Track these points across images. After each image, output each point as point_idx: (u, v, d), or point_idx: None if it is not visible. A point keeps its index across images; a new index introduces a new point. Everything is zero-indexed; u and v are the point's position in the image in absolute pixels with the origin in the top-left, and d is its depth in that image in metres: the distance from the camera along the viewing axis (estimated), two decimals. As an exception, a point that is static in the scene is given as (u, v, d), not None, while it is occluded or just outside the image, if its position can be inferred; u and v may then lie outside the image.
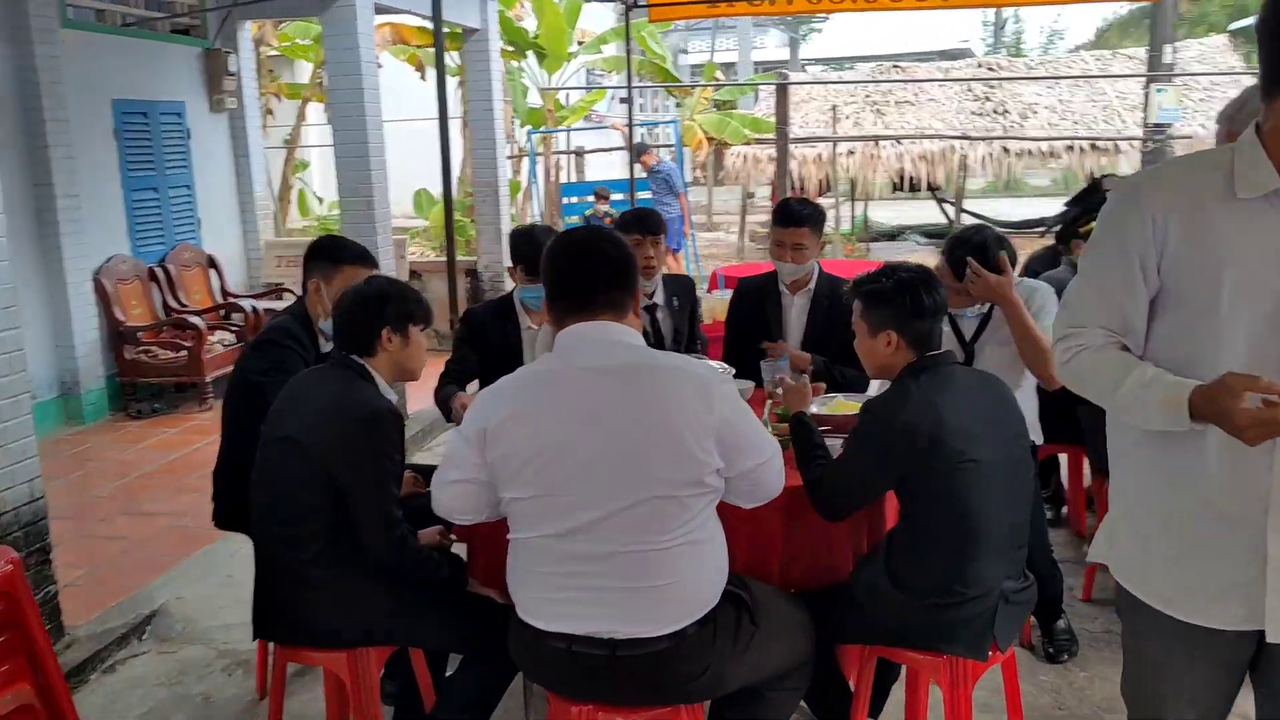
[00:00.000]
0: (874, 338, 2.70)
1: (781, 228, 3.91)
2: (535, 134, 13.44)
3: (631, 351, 2.31)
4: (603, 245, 2.37)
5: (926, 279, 2.67)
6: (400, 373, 2.88)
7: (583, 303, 2.32)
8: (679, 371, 2.28)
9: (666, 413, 2.22)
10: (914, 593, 2.58)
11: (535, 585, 2.33)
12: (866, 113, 14.72)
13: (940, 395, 2.55)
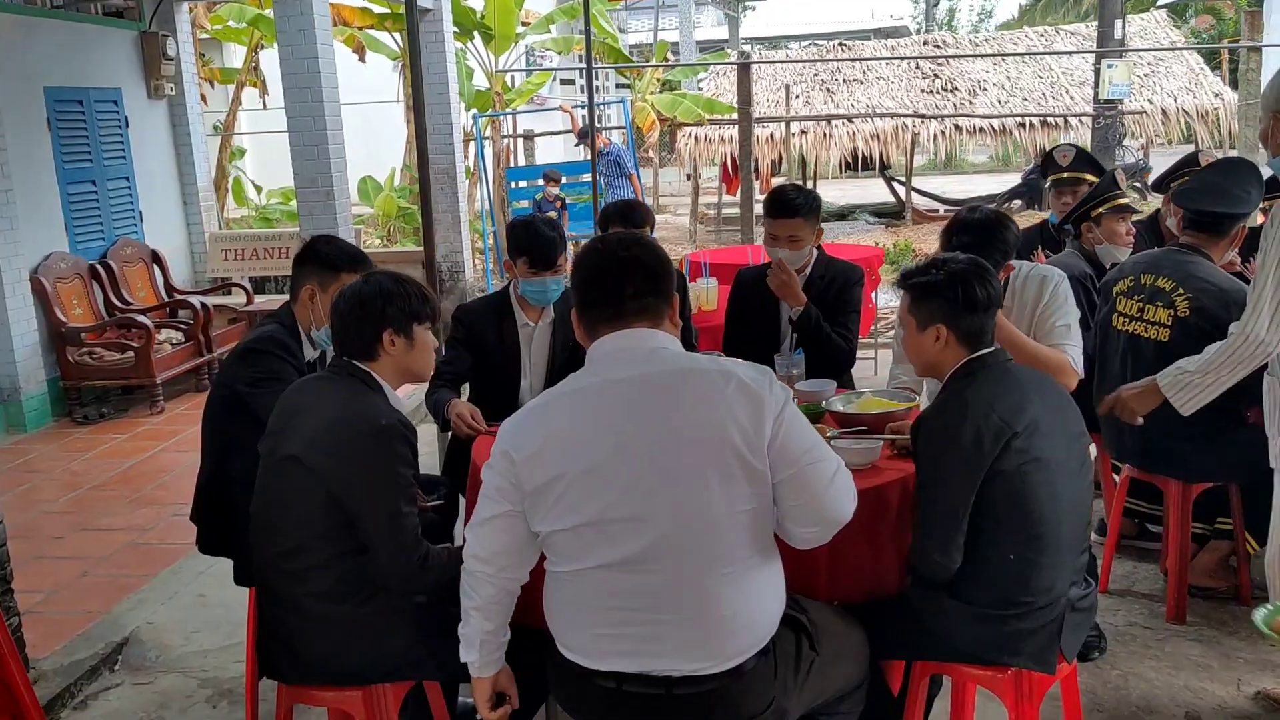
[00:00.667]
0: (922, 333, 2.53)
1: (775, 219, 3.72)
2: (482, 118, 13.11)
3: (670, 358, 2.11)
4: (635, 250, 2.18)
5: (980, 271, 2.51)
6: (407, 376, 2.64)
7: (615, 311, 2.13)
8: (723, 375, 2.08)
9: (713, 421, 2.02)
10: (979, 604, 2.42)
11: (580, 621, 2.12)
12: (817, 92, 14.62)
13: (998, 395, 2.39)
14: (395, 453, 2.44)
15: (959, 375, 2.47)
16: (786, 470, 2.07)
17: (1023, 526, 2.36)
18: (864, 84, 14.80)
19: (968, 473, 2.34)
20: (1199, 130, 13.85)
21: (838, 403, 3.13)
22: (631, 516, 2.02)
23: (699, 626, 2.05)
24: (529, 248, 3.52)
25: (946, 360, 2.51)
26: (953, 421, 2.37)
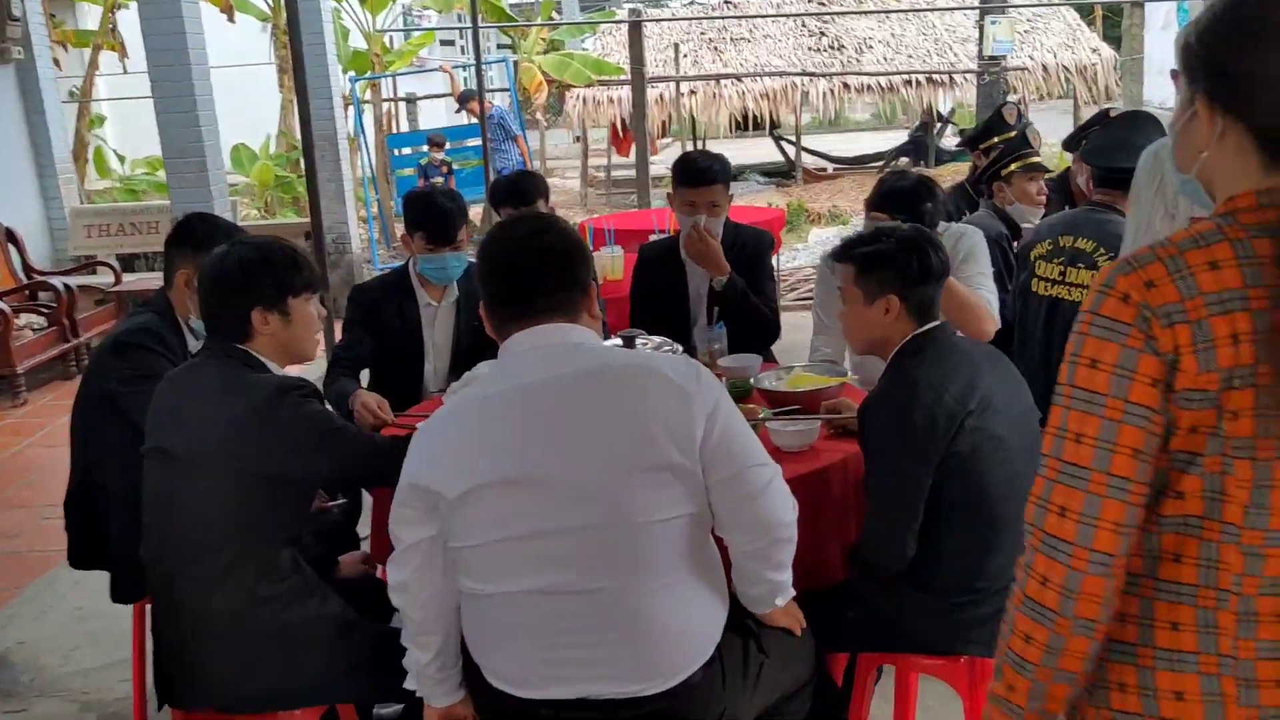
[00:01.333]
0: (871, 305, 2.37)
1: (692, 188, 3.54)
2: (359, 81, 12.58)
3: (587, 354, 1.93)
4: (544, 238, 1.97)
5: (930, 239, 2.38)
6: (290, 355, 2.38)
7: (523, 307, 1.94)
8: (645, 370, 1.90)
9: (637, 422, 1.84)
10: (933, 592, 2.30)
11: (509, 647, 1.93)
12: (705, 51, 14.47)
13: (948, 374, 2.26)
14: (306, 401, 2.25)
15: (905, 353, 2.34)
16: (721, 473, 1.90)
17: (978, 509, 2.24)
18: (751, 43, 14.69)
19: (922, 459, 2.21)
20: (1078, 86, 14.13)
21: (767, 380, 2.98)
22: (555, 530, 1.84)
23: (639, 644, 1.88)
24: (426, 222, 3.29)
25: (894, 335, 2.38)
26: (903, 405, 2.23)
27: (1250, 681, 1.22)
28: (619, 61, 13.97)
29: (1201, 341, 1.19)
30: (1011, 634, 1.32)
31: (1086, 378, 1.25)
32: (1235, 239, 1.22)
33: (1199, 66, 1.29)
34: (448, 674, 2.05)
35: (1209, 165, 1.30)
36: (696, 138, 15.51)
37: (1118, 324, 1.22)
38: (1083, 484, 1.24)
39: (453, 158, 11.37)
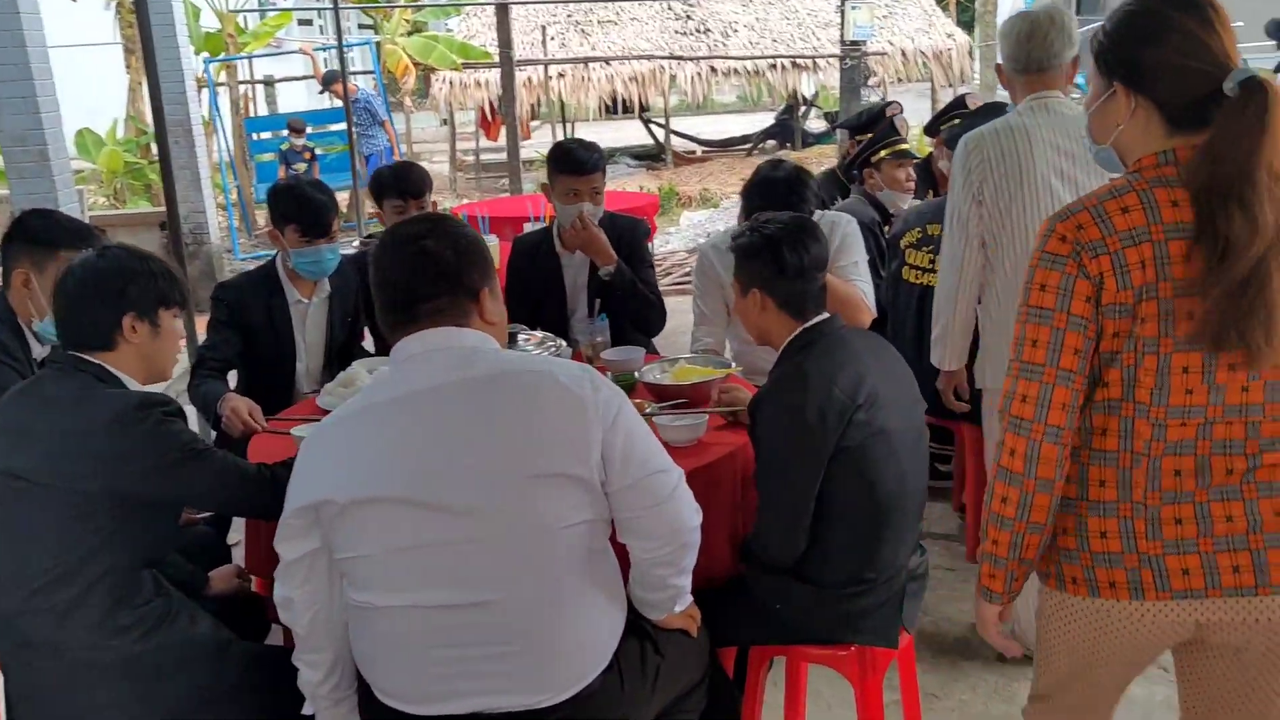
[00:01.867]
0: (744, 297, 2.41)
1: (574, 176, 3.48)
2: (213, 63, 12.07)
3: (479, 360, 1.87)
4: (425, 242, 1.90)
5: (796, 233, 2.36)
6: (149, 370, 2.26)
7: (406, 314, 1.89)
8: (539, 377, 1.85)
9: (532, 429, 1.80)
10: (823, 585, 2.31)
11: (400, 662, 1.86)
12: (572, 34, 14.35)
13: (838, 368, 2.26)
14: (169, 419, 2.13)
15: (794, 347, 2.34)
16: (623, 481, 1.86)
17: (867, 503, 2.26)
18: (618, 25, 14.63)
19: (813, 454, 2.22)
20: (935, 70, 14.53)
21: (652, 373, 2.95)
22: (447, 541, 1.78)
23: (536, 656, 1.83)
24: (297, 214, 3.16)
25: (774, 328, 2.39)
26: (793, 399, 2.22)
27: (1155, 521, 1.66)
28: (485, 44, 13.75)
29: (1119, 267, 1.60)
30: (991, 499, 1.72)
31: (1037, 298, 1.65)
32: (1140, 189, 1.63)
33: (1114, 60, 1.69)
34: (343, 694, 1.98)
35: (1122, 136, 1.71)
36: (565, 121, 15.41)
37: (1059, 257, 1.64)
38: (1038, 377, 1.65)
39: (316, 143, 11.03)
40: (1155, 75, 1.64)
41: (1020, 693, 3.04)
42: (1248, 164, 1.54)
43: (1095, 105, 1.74)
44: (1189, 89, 1.61)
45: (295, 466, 1.89)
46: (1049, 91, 2.87)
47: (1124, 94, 1.67)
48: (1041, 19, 2.84)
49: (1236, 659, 1.73)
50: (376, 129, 11.17)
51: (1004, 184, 2.84)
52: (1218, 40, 1.61)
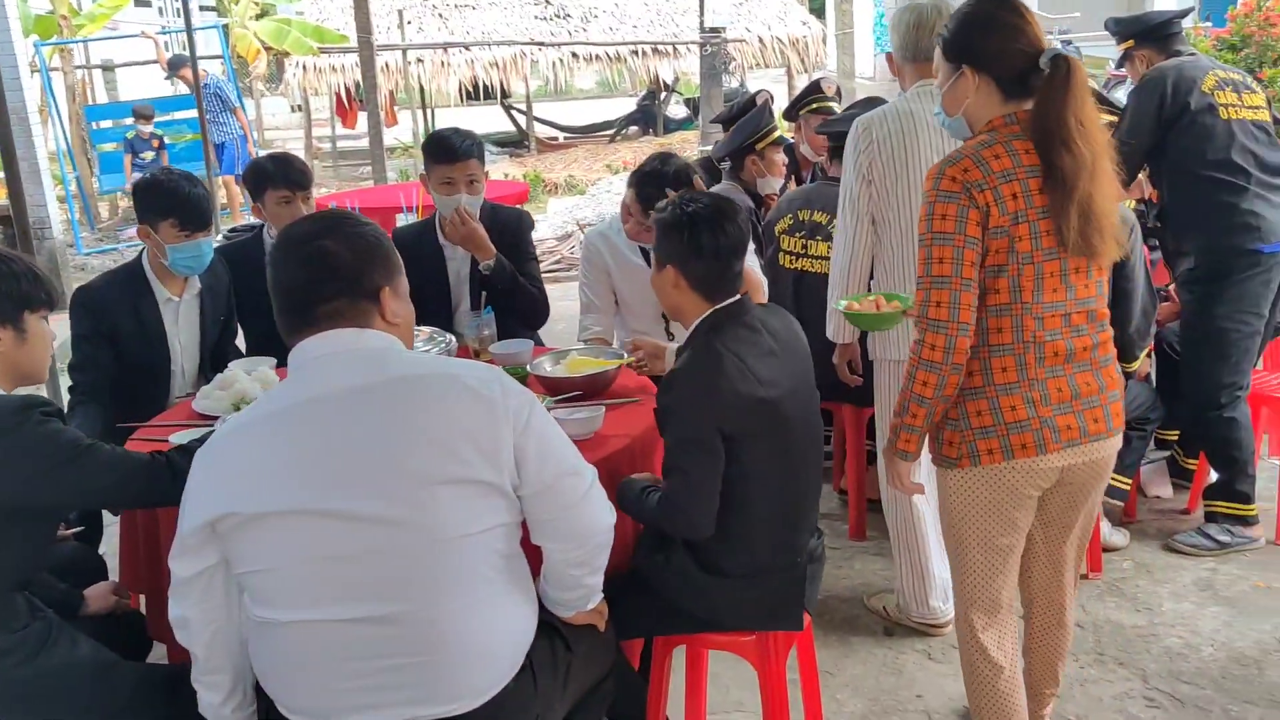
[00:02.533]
0: (660, 272, 2.40)
1: (448, 164, 3.42)
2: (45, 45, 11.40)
3: (383, 363, 1.81)
4: (320, 242, 1.83)
5: (715, 215, 2.34)
6: (16, 377, 2.15)
7: (302, 319, 1.82)
8: (447, 380, 1.81)
9: (441, 434, 1.76)
10: (730, 575, 2.34)
11: (306, 678, 1.80)
12: (430, 18, 14.09)
13: (750, 351, 2.29)
14: (48, 420, 2.03)
15: (706, 329, 2.34)
16: (536, 484, 1.85)
17: (773, 491, 2.30)
18: (477, 10, 14.43)
19: (721, 429, 2.23)
20: (791, 57, 14.81)
21: (543, 365, 2.93)
22: (354, 553, 1.73)
23: (449, 665, 1.80)
24: (176, 207, 3.02)
25: (686, 306, 2.38)
26: (708, 377, 2.23)
27: (1045, 392, 2.19)
28: (339, 28, 13.38)
29: (998, 199, 2.11)
30: (911, 384, 2.20)
31: (940, 225, 2.13)
32: (1003, 142, 2.16)
33: (960, 49, 2.24)
34: (245, 714, 1.91)
35: (970, 108, 2.25)
36: (426, 107, 15.14)
37: (953, 193, 2.13)
38: (947, 285, 2.13)
39: (164, 130, 10.55)
40: (992, 58, 2.19)
41: (908, 665, 3.15)
42: (1064, 116, 2.09)
43: (947, 86, 2.28)
44: (1016, 65, 2.17)
45: (190, 480, 1.80)
46: (933, 79, 2.94)
47: (970, 74, 2.22)
48: (928, 11, 2.95)
49: (1068, 488, 2.32)
50: (228, 116, 10.75)
51: (890, 165, 2.96)
52: (1030, 29, 2.18)
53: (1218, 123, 3.53)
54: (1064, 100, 2.09)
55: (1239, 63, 6.30)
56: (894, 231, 3.00)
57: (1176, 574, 3.57)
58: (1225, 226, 3.52)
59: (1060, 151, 2.08)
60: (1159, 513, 3.99)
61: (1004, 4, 2.22)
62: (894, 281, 3.01)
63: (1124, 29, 3.83)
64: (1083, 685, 3.01)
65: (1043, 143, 2.11)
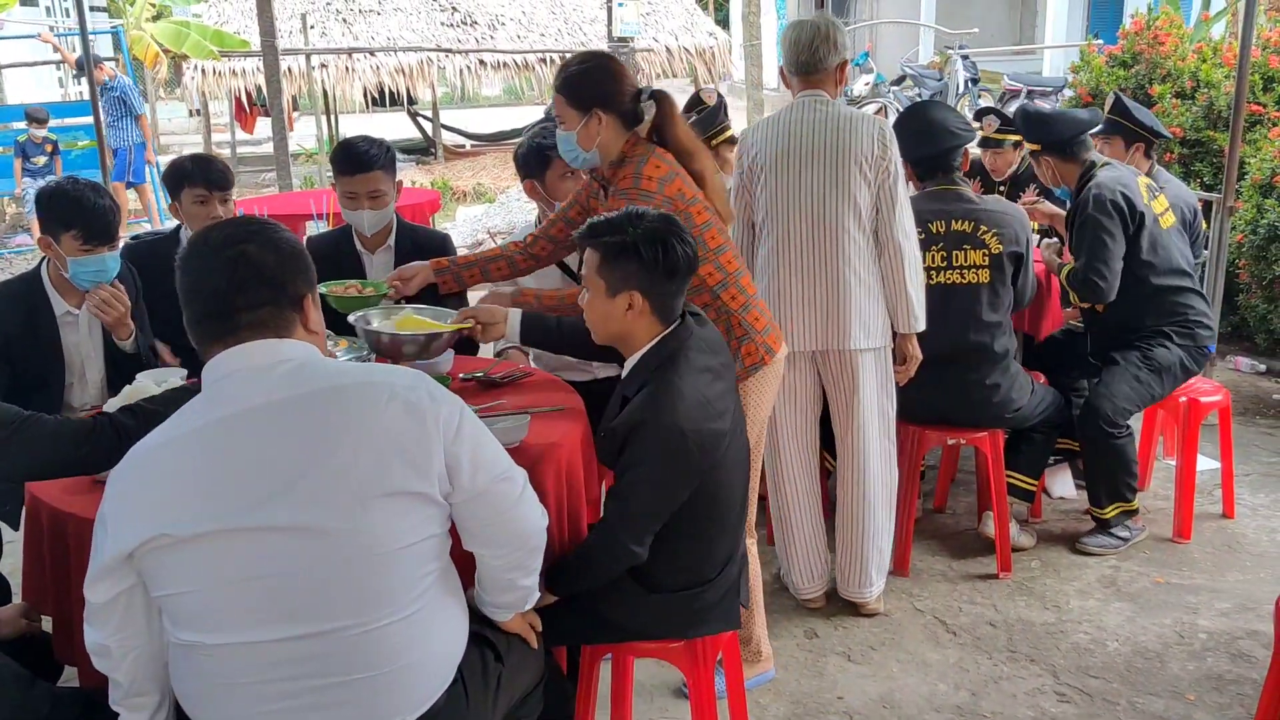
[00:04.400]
0: (613, 299, 2.28)
1: (349, 175, 3.33)
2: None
3: (303, 374, 1.76)
4: (243, 246, 1.78)
5: (677, 230, 2.30)
6: None
7: (224, 326, 1.76)
8: (377, 389, 1.77)
9: (369, 447, 1.71)
10: (665, 589, 2.34)
11: (231, 700, 1.75)
12: (334, 23, 13.84)
13: (705, 381, 2.27)
14: None
15: (658, 357, 2.29)
16: (469, 491, 1.82)
17: (708, 508, 2.31)
18: (382, 15, 14.21)
19: (690, 478, 2.24)
20: (698, 67, 14.94)
21: (370, 319, 2.77)
22: (285, 571, 1.69)
23: (383, 681, 1.77)
24: (78, 219, 2.91)
25: (637, 331, 2.31)
26: (676, 424, 2.19)
27: (760, 309, 2.80)
28: (238, 31, 13.07)
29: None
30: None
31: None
32: (654, 154, 2.70)
33: (590, 97, 2.70)
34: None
35: (601, 141, 2.72)
36: (330, 113, 14.88)
37: (652, 193, 2.64)
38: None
39: (61, 137, 10.17)
40: (615, 99, 2.70)
41: (829, 667, 3.19)
42: (674, 132, 2.72)
43: (579, 127, 2.72)
44: (630, 102, 2.71)
45: (107, 504, 1.73)
46: (815, 91, 3.22)
47: (600, 114, 2.69)
48: (814, 29, 3.17)
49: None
50: (130, 121, 10.42)
51: (770, 168, 3.20)
52: (630, 74, 2.79)
53: (1160, 232, 3.76)
54: (670, 121, 2.73)
55: (1129, 80, 6.54)
56: (772, 230, 3.24)
57: (1081, 572, 3.70)
58: (1187, 330, 3.76)
59: (686, 159, 2.75)
60: (1064, 513, 4.13)
61: (608, 57, 2.85)
62: (778, 279, 3.24)
63: (1033, 135, 3.93)
64: (997, 682, 3.09)
65: (676, 152, 2.74)
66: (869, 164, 3.14)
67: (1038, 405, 3.70)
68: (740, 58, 15.26)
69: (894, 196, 3.17)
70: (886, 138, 3.16)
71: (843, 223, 3.16)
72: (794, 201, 3.20)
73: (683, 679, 3.00)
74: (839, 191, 3.15)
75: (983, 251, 3.52)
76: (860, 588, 3.44)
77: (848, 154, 3.13)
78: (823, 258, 3.19)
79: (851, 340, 3.23)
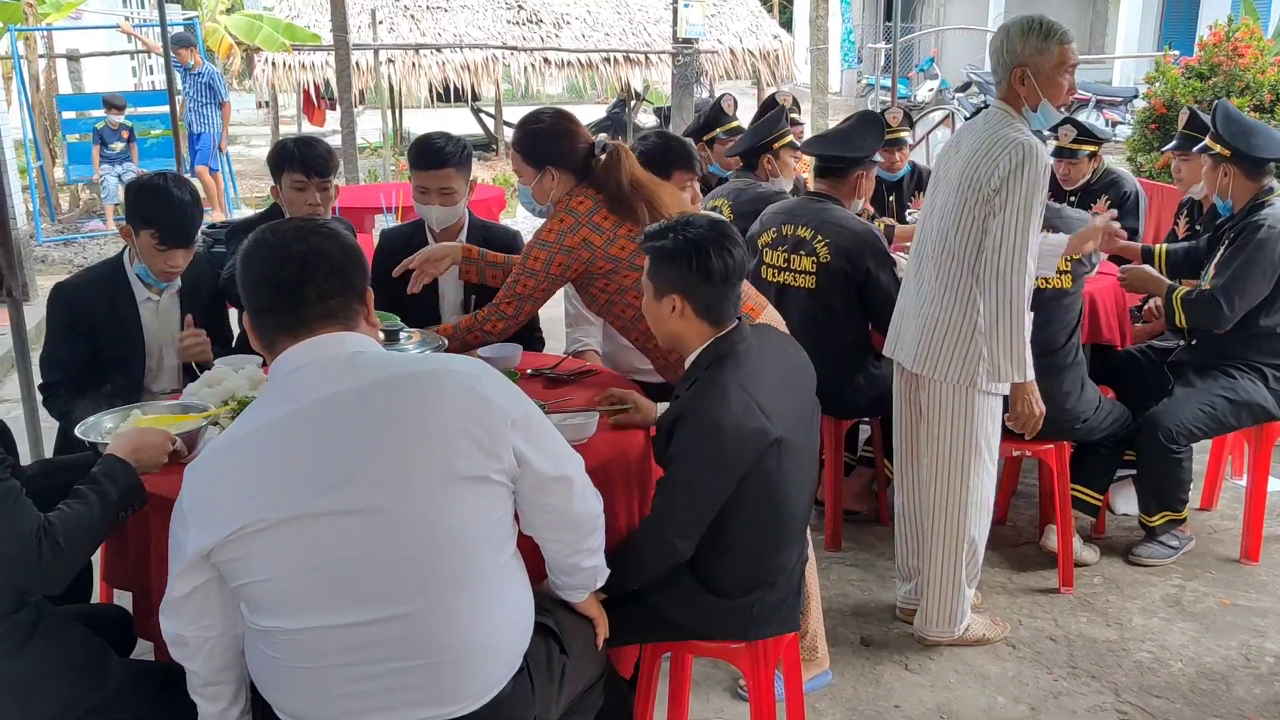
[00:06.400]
0: (659, 301, 2.36)
1: (422, 170, 3.37)
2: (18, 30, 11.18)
3: (372, 365, 1.81)
4: (313, 240, 1.83)
5: (719, 237, 2.33)
6: None
7: (295, 317, 1.81)
8: (442, 376, 1.82)
9: (438, 432, 1.76)
10: (728, 594, 2.35)
11: (306, 683, 1.80)
12: (402, 19, 14.00)
13: (754, 382, 2.29)
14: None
15: (708, 358, 2.33)
16: (531, 479, 1.87)
17: (771, 515, 2.32)
18: (449, 12, 14.35)
19: (728, 474, 2.25)
20: (761, 69, 14.90)
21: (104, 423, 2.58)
22: (355, 559, 1.73)
23: (450, 667, 1.81)
24: (160, 218, 2.98)
25: (689, 334, 2.37)
26: (715, 418, 2.22)
27: None
28: (309, 25, 13.27)
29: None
30: None
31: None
32: (594, 201, 2.82)
33: (543, 155, 2.85)
34: (246, 717, 1.90)
35: (554, 193, 2.86)
36: (395, 107, 15.06)
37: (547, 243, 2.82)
38: None
39: (138, 125, 10.40)
40: (566, 156, 2.85)
41: (886, 675, 3.18)
42: (620, 181, 2.78)
43: (535, 183, 2.88)
44: (582, 159, 2.85)
45: (188, 500, 1.77)
46: (1000, 101, 3.04)
47: (552, 172, 2.85)
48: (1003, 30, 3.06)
49: None
50: (214, 109, 10.63)
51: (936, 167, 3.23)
52: (583, 131, 2.90)
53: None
54: (620, 168, 2.79)
55: (1206, 92, 6.42)
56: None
57: (1145, 590, 3.65)
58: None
59: (628, 205, 2.80)
60: (1128, 529, 4.07)
61: (562, 115, 2.93)
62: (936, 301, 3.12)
63: (1231, 140, 3.71)
64: (1056, 698, 3.07)
65: (616, 200, 2.80)
66: (979, 192, 2.92)
67: (1105, 419, 3.66)
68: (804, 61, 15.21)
69: (999, 234, 2.89)
70: (1008, 170, 2.86)
71: (947, 244, 3.02)
72: (926, 207, 3.17)
73: (736, 678, 3.04)
74: (950, 211, 3.01)
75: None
76: (919, 622, 3.34)
77: (968, 175, 2.95)
78: (919, 269, 3.16)
79: (914, 362, 3.14)
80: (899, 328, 3.26)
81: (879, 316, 3.71)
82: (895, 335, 3.28)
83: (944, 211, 3.04)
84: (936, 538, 3.22)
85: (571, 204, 2.81)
